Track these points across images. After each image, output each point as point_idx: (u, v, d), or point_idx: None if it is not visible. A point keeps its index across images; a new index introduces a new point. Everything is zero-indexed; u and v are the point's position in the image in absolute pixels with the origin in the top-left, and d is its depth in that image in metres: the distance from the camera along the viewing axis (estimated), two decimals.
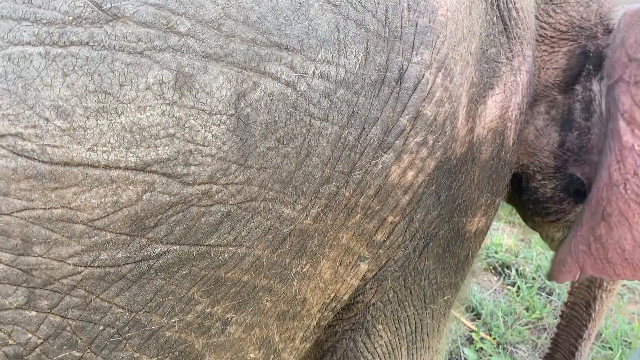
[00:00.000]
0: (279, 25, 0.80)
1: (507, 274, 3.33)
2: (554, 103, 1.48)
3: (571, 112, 1.46)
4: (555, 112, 1.48)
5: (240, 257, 0.88)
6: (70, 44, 0.68)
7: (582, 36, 1.43)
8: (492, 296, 3.16)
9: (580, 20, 1.43)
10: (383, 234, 1.10)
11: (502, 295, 3.19)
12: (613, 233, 1.21)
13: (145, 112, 0.71)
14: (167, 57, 0.72)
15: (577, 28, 1.43)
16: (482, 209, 1.34)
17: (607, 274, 1.25)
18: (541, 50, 1.45)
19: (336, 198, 0.96)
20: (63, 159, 0.69)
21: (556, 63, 1.45)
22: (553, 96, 1.47)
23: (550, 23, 1.43)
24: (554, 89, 1.46)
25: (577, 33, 1.43)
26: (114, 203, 0.73)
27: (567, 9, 1.43)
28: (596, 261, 1.27)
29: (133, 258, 0.78)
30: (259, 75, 0.79)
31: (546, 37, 1.44)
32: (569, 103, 1.46)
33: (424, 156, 1.05)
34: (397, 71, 0.94)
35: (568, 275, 1.38)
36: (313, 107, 0.86)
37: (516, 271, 3.34)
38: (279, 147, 0.84)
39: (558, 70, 1.45)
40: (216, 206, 0.81)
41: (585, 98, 1.43)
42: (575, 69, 1.44)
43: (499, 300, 3.12)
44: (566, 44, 1.44)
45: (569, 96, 1.46)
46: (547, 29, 1.44)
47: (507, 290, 3.20)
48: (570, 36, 1.43)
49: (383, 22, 0.92)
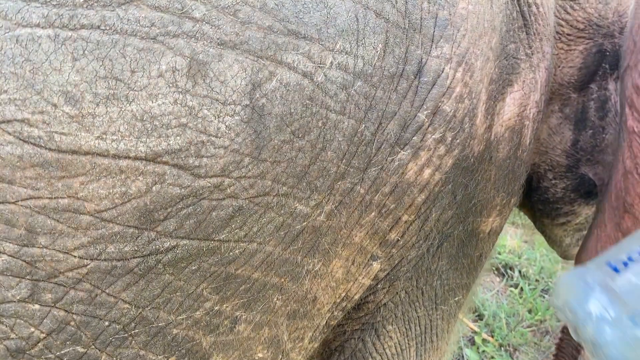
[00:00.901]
0: (297, 13, 0.77)
1: (510, 275, 3.31)
2: (568, 101, 1.45)
3: (585, 111, 1.43)
4: (569, 110, 1.45)
5: (251, 253, 0.85)
6: (80, 27, 0.64)
7: (599, 34, 1.39)
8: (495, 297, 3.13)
9: (598, 18, 1.39)
10: (397, 233, 1.07)
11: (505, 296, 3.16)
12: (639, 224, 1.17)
13: (157, 100, 0.68)
14: (181, 44, 0.69)
15: (595, 26, 1.39)
16: (498, 209, 1.31)
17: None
18: (558, 47, 1.42)
19: (351, 195, 0.93)
20: (71, 146, 0.66)
21: (572, 61, 1.42)
22: (568, 94, 1.44)
23: (568, 20, 1.40)
24: (569, 87, 1.43)
25: (594, 31, 1.39)
26: (123, 194, 0.71)
27: (585, 6, 1.40)
28: None
29: (141, 252, 0.75)
30: (275, 65, 0.76)
31: (563, 35, 1.41)
32: (583, 102, 1.43)
33: (442, 154, 1.01)
34: (416, 64, 0.91)
35: None
36: (330, 100, 0.83)
37: (519, 272, 3.31)
38: (293, 140, 0.81)
39: (574, 68, 1.42)
40: (228, 200, 0.78)
41: (600, 97, 1.41)
42: (591, 68, 1.41)
43: (502, 301, 3.09)
44: (583, 42, 1.41)
45: (583, 94, 1.43)
46: (564, 26, 1.40)
47: (510, 292, 3.17)
48: (587, 34, 1.40)
49: (403, 13, 0.89)
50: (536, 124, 1.31)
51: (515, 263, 3.38)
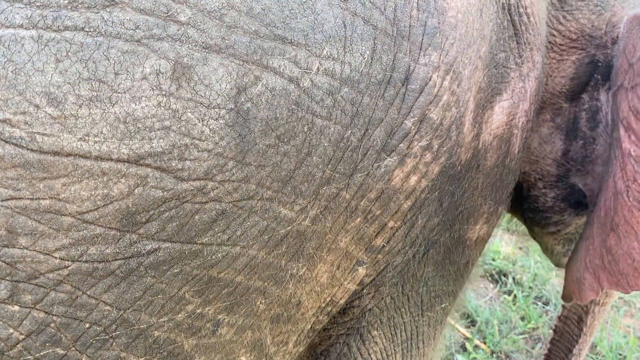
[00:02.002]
0: (283, 18, 0.77)
1: (503, 282, 3.31)
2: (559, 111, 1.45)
3: (577, 121, 1.43)
4: (560, 120, 1.45)
5: (234, 257, 0.85)
6: (64, 28, 0.64)
7: (591, 45, 1.40)
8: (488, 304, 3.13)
9: (591, 29, 1.40)
10: (383, 239, 1.07)
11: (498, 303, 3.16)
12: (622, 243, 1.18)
13: (141, 102, 0.68)
14: (166, 47, 0.69)
15: (588, 37, 1.40)
16: (485, 217, 1.31)
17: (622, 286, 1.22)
18: (550, 57, 1.42)
19: (336, 200, 0.93)
20: (53, 148, 0.66)
21: (564, 71, 1.42)
22: (559, 104, 1.44)
23: (560, 30, 1.40)
24: (561, 97, 1.44)
25: (587, 42, 1.40)
26: (105, 196, 0.70)
27: (579, 16, 1.40)
28: (610, 274, 1.24)
29: (123, 254, 0.75)
30: (261, 69, 0.76)
31: (555, 45, 1.42)
32: (575, 112, 1.44)
33: (428, 161, 1.02)
34: (404, 72, 0.91)
35: (590, 293, 1.34)
36: (316, 105, 0.83)
37: (513, 279, 3.31)
38: (278, 145, 0.81)
39: (566, 78, 1.42)
40: (211, 203, 0.78)
41: (591, 107, 1.41)
42: (583, 78, 1.41)
43: (495, 308, 3.09)
44: (575, 52, 1.41)
45: (575, 105, 1.44)
46: (556, 36, 1.41)
47: (503, 299, 3.17)
48: (579, 44, 1.40)
49: (391, 20, 0.89)
50: (525, 133, 1.31)
51: (509, 270, 3.38)
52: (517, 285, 3.27)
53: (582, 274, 1.36)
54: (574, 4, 1.40)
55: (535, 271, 3.36)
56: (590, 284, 1.33)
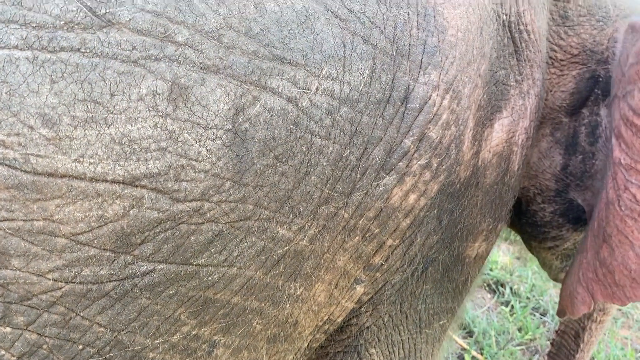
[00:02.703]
0: (282, 38, 0.76)
1: (501, 292, 3.30)
2: (559, 125, 1.44)
3: (576, 136, 1.42)
4: (560, 134, 1.44)
5: (230, 278, 0.84)
6: (60, 49, 0.64)
7: (592, 60, 1.39)
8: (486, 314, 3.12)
9: (593, 44, 1.39)
10: (381, 257, 1.06)
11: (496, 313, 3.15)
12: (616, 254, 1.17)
13: (137, 123, 0.68)
14: (163, 67, 0.68)
15: (589, 52, 1.39)
16: (484, 234, 1.30)
17: (618, 298, 1.20)
18: (550, 72, 1.41)
19: (335, 219, 0.92)
20: (47, 169, 0.65)
21: (564, 86, 1.41)
22: (559, 118, 1.44)
23: (562, 46, 1.40)
24: (561, 112, 1.43)
25: (588, 57, 1.39)
26: (99, 217, 0.69)
27: (580, 31, 1.39)
28: (605, 287, 1.22)
29: (117, 275, 0.74)
30: (259, 90, 0.75)
31: (556, 60, 1.41)
32: (574, 126, 1.43)
33: (427, 179, 1.01)
34: (403, 91, 0.91)
35: (582, 307, 1.33)
36: (315, 125, 0.82)
37: (511, 290, 3.30)
38: (276, 165, 0.80)
39: (566, 93, 1.41)
40: (207, 224, 0.77)
41: (591, 122, 1.40)
42: (583, 93, 1.41)
43: (492, 318, 3.07)
44: (576, 68, 1.40)
45: (575, 119, 1.43)
46: (557, 51, 1.40)
47: (501, 309, 3.16)
48: (580, 60, 1.40)
49: (391, 39, 0.88)
50: (525, 150, 1.30)
51: (507, 280, 3.37)
52: (514, 296, 3.26)
53: (574, 287, 1.35)
54: (575, 20, 1.40)
55: (532, 281, 3.35)
56: (582, 298, 1.32)
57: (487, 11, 1.04)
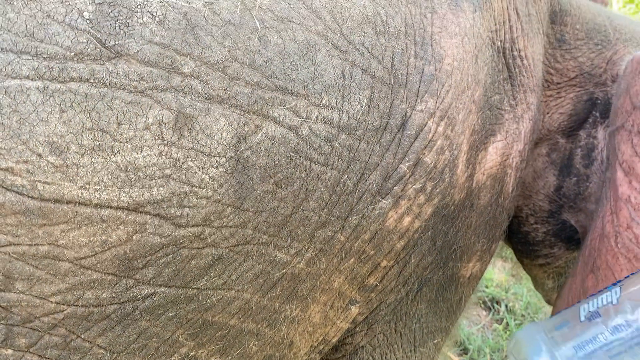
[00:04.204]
0: (284, 70, 0.79)
1: (496, 310, 3.30)
2: (555, 146, 1.45)
3: (571, 158, 1.43)
4: (555, 155, 1.45)
5: (229, 300, 0.85)
6: (70, 79, 0.66)
7: (590, 83, 1.39)
8: (481, 331, 3.12)
9: (591, 67, 1.39)
10: (376, 278, 1.08)
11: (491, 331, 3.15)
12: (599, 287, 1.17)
13: (142, 151, 0.69)
14: (169, 98, 0.70)
15: (587, 74, 1.39)
16: (478, 255, 1.32)
17: None
18: (547, 95, 1.43)
19: (331, 242, 0.94)
20: (53, 195, 0.67)
21: (562, 108, 1.42)
22: (555, 139, 1.44)
23: (558, 69, 1.41)
24: (558, 133, 1.43)
25: (585, 79, 1.39)
26: (103, 242, 0.71)
27: (577, 55, 1.40)
28: None
29: (118, 298, 0.75)
30: (261, 119, 0.77)
31: (552, 83, 1.42)
32: (570, 148, 1.43)
33: (422, 202, 1.03)
34: (400, 118, 0.93)
35: None
36: (314, 152, 0.84)
37: (506, 307, 3.31)
38: (276, 191, 0.82)
39: (564, 115, 1.42)
40: (208, 249, 0.79)
41: (588, 145, 1.40)
42: (581, 115, 1.41)
43: (487, 336, 3.08)
44: (573, 90, 1.41)
45: (571, 141, 1.43)
46: (554, 74, 1.41)
47: (496, 327, 3.16)
48: (577, 82, 1.40)
49: (389, 68, 0.91)
50: (519, 172, 1.33)
51: (502, 297, 3.37)
52: (509, 313, 3.26)
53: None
54: (572, 43, 1.41)
55: (528, 299, 3.36)
56: None
57: (482, 39, 1.07)
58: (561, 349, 0.93)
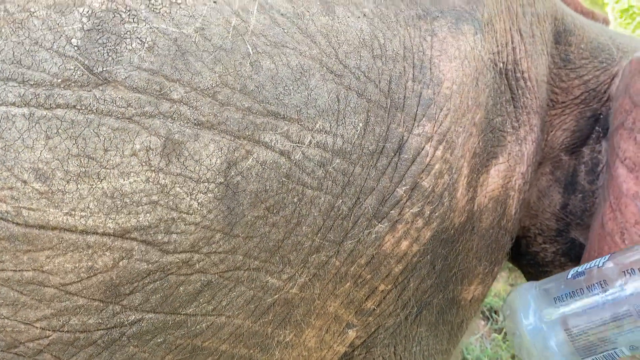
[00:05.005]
0: (277, 95, 0.78)
1: (494, 319, 3.27)
2: (559, 164, 1.43)
3: (576, 174, 1.41)
4: (559, 173, 1.43)
5: (219, 326, 0.84)
6: (56, 106, 0.65)
7: (595, 100, 1.38)
8: (479, 341, 3.08)
9: (596, 84, 1.38)
10: (373, 302, 1.06)
11: (489, 340, 3.11)
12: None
13: (129, 178, 0.69)
14: (157, 124, 0.70)
15: (592, 92, 1.38)
16: (480, 278, 1.30)
17: None
18: (551, 114, 1.41)
19: (326, 267, 0.92)
20: (38, 222, 0.66)
21: (565, 125, 1.41)
22: (559, 157, 1.43)
23: (563, 88, 1.40)
24: (561, 150, 1.42)
25: (590, 97, 1.38)
26: (89, 268, 0.70)
27: (582, 73, 1.39)
28: None
29: (105, 324, 0.74)
30: (252, 144, 0.76)
31: (557, 102, 1.40)
32: (574, 165, 1.41)
33: (420, 226, 1.01)
34: (397, 142, 0.92)
35: None
36: (307, 177, 0.83)
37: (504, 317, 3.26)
38: (267, 216, 0.81)
39: (567, 132, 1.41)
40: (196, 275, 0.77)
41: (592, 160, 1.39)
42: (584, 132, 1.40)
43: (486, 345, 3.04)
44: (577, 108, 1.40)
45: (575, 157, 1.42)
46: (559, 93, 1.40)
47: (494, 336, 3.12)
48: (582, 100, 1.39)
49: (386, 92, 0.90)
50: (522, 194, 1.30)
51: (500, 306, 3.34)
52: None
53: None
54: (577, 62, 1.40)
55: None
56: None
57: (483, 61, 1.06)
58: (545, 302, 0.99)
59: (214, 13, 0.74)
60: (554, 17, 1.34)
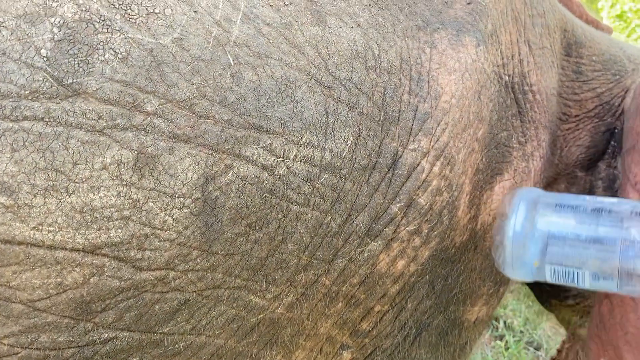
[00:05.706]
0: (259, 107, 0.75)
1: (495, 326, 3.20)
2: (574, 180, 1.38)
3: (593, 191, 1.36)
4: (575, 190, 1.38)
5: (199, 346, 0.81)
6: (23, 118, 0.63)
7: (609, 113, 1.33)
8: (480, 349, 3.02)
9: (609, 97, 1.34)
10: (369, 323, 1.02)
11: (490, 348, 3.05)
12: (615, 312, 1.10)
13: (99, 192, 0.66)
14: (129, 137, 0.67)
15: (606, 105, 1.34)
16: (484, 298, 1.24)
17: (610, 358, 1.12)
18: (564, 129, 1.36)
19: (314, 286, 0.88)
20: (4, 236, 0.64)
21: (579, 140, 1.36)
22: (574, 173, 1.38)
23: (576, 101, 1.35)
24: (576, 167, 1.37)
25: (604, 110, 1.34)
26: (58, 285, 0.68)
27: (595, 86, 1.34)
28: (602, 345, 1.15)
29: (77, 342, 0.72)
30: (232, 158, 0.73)
31: (571, 116, 1.36)
32: (590, 181, 1.37)
33: (417, 245, 0.97)
34: (391, 157, 0.88)
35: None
36: (292, 192, 0.79)
37: (504, 324, 3.20)
38: (249, 233, 0.77)
39: (581, 147, 1.36)
40: (173, 293, 0.75)
41: (609, 176, 1.34)
42: (600, 147, 1.35)
43: (487, 353, 2.98)
44: (591, 122, 1.35)
45: (591, 173, 1.37)
46: (572, 107, 1.35)
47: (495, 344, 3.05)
48: (596, 113, 1.34)
49: (379, 105, 0.86)
50: None
51: (501, 314, 3.28)
52: (508, 330, 3.17)
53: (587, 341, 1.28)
54: (590, 75, 1.35)
55: (526, 315, 3.26)
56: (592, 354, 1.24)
57: (486, 74, 1.01)
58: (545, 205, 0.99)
59: (194, 23, 0.71)
60: (564, 28, 1.28)
